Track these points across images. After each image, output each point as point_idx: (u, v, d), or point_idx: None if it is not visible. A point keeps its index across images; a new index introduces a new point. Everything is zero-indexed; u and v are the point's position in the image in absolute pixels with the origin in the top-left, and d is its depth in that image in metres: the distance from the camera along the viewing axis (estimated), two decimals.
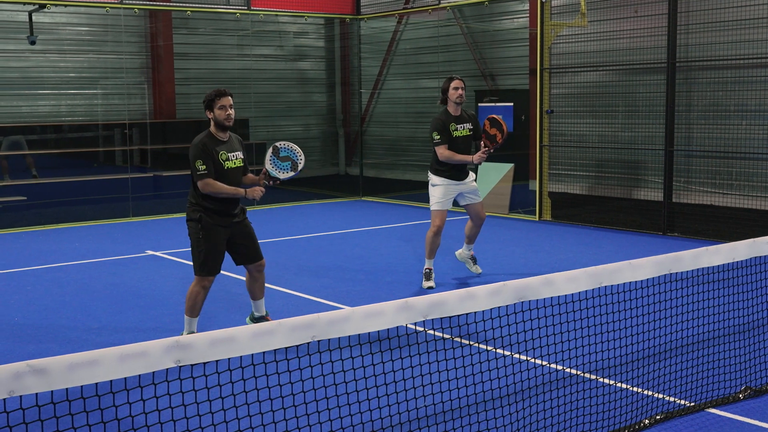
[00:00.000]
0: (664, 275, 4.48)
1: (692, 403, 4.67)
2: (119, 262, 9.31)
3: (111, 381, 2.92)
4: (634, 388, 4.81)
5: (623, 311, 5.27)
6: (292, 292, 7.78)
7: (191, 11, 13.60)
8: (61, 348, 6.04)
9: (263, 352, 3.22)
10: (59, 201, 13.48)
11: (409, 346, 4.45)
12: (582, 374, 4.99)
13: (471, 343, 5.08)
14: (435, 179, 7.88)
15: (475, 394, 4.53)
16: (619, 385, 4.88)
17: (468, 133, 7.85)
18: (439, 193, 7.83)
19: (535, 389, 4.81)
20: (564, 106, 12.10)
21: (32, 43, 13.22)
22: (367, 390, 4.07)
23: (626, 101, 11.44)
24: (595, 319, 4.94)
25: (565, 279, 4.04)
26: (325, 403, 4.10)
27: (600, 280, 4.14)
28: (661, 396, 4.74)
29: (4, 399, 2.72)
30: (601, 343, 5.00)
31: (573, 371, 5.03)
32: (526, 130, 14.00)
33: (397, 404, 4.21)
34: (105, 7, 12.67)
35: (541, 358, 5.09)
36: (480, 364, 4.69)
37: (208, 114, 5.86)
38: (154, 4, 13.34)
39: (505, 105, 13.38)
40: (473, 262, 8.29)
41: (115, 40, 14.87)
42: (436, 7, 14.29)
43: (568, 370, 5.07)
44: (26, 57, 14.36)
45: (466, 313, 3.71)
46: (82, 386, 2.83)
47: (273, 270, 8.59)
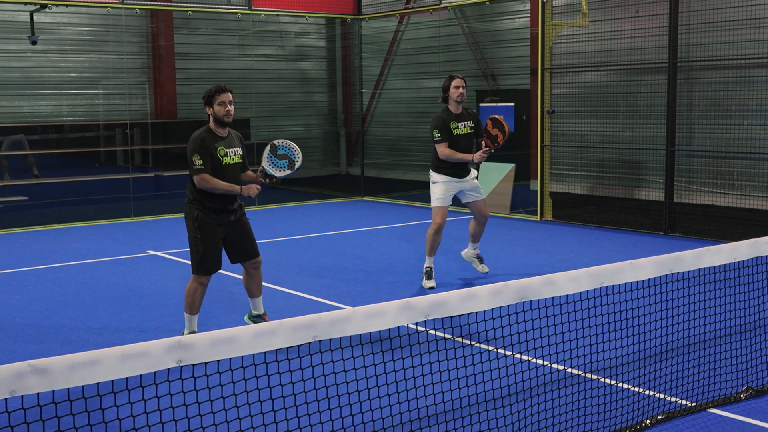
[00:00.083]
0: (666, 275, 4.48)
1: (693, 403, 4.66)
2: (120, 262, 9.32)
3: (112, 381, 2.92)
4: (636, 388, 4.80)
5: (624, 311, 5.26)
6: (293, 292, 7.78)
7: (192, 11, 13.61)
8: (62, 348, 6.04)
9: (264, 352, 3.22)
10: (60, 201, 13.48)
11: (411, 346, 4.45)
12: (583, 374, 4.99)
13: (472, 343, 5.08)
14: (435, 176, 7.87)
15: (477, 394, 4.53)
16: (620, 385, 4.88)
17: (469, 131, 7.84)
18: (440, 190, 7.82)
19: (536, 389, 4.81)
20: (565, 106, 12.10)
21: (33, 43, 13.22)
22: (369, 390, 4.06)
23: (627, 101, 11.44)
24: (596, 319, 4.93)
25: (567, 279, 4.04)
26: (327, 403, 4.10)
27: (601, 280, 4.14)
28: (662, 396, 4.73)
29: (6, 399, 2.72)
30: (603, 343, 5.00)
31: (574, 371, 5.02)
32: (527, 130, 14.00)
33: (398, 404, 4.21)
34: (106, 7, 12.68)
35: (542, 358, 5.08)
36: (481, 364, 4.69)
37: (208, 110, 5.86)
38: (156, 4, 13.35)
39: (507, 105, 13.37)
40: (479, 261, 8.27)
41: (117, 40, 14.87)
42: (437, 7, 14.28)
43: (569, 370, 5.06)
44: (27, 57, 14.37)
45: (468, 313, 3.71)
46: (83, 386, 2.83)
47: (274, 270, 8.59)
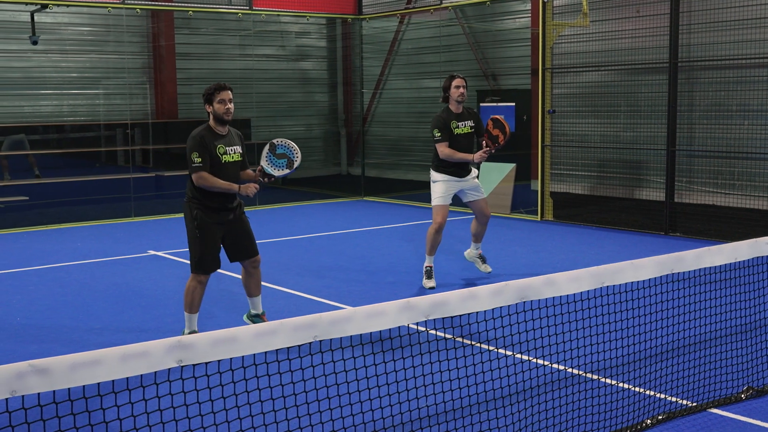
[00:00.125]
0: (666, 275, 4.47)
1: (694, 403, 4.66)
2: (121, 262, 9.32)
3: (113, 381, 2.92)
4: (636, 388, 4.80)
5: (625, 311, 5.26)
6: (293, 292, 7.78)
7: (193, 11, 13.61)
8: (63, 348, 6.04)
9: (265, 352, 3.22)
10: (61, 201, 13.49)
11: (411, 346, 4.45)
12: (584, 374, 4.99)
13: (473, 343, 5.08)
14: (436, 175, 7.88)
15: (477, 394, 4.53)
16: (621, 385, 4.87)
17: (469, 131, 7.84)
18: (440, 189, 7.82)
19: (537, 389, 4.81)
20: (566, 106, 12.09)
21: (34, 43, 13.22)
22: (369, 390, 4.06)
23: (628, 101, 11.43)
24: (597, 319, 4.93)
25: (567, 279, 4.04)
26: (327, 403, 4.10)
27: (602, 280, 4.14)
28: (663, 396, 4.73)
29: (7, 399, 2.72)
30: (603, 343, 5.00)
31: (575, 371, 5.02)
32: (527, 130, 14.00)
33: (399, 404, 4.21)
34: (107, 7, 12.68)
35: (543, 358, 5.08)
36: (482, 364, 4.69)
37: (207, 108, 5.86)
38: (156, 4, 13.35)
39: (507, 105, 13.37)
40: (482, 261, 8.27)
41: (117, 40, 14.87)
42: (438, 7, 14.28)
43: (570, 370, 5.06)
44: (28, 57, 14.37)
45: (468, 313, 3.71)
46: (84, 386, 2.83)
47: (275, 270, 8.60)
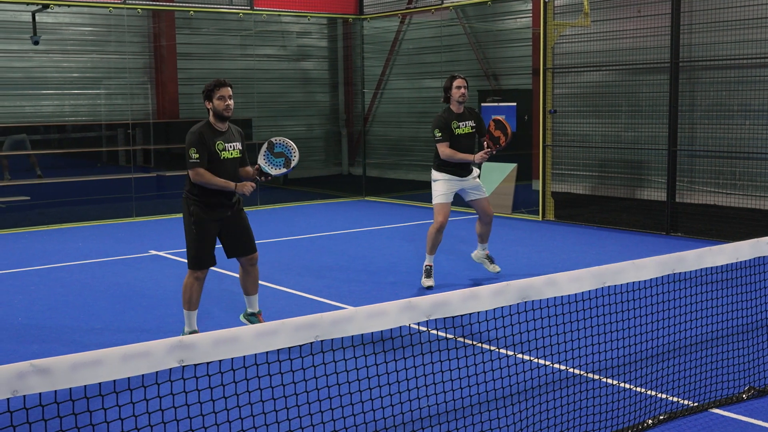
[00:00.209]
0: (668, 275, 4.47)
1: (696, 404, 4.66)
2: (122, 262, 9.32)
3: (114, 381, 2.92)
4: (638, 388, 4.80)
5: (626, 311, 5.26)
6: (294, 291, 7.78)
7: (194, 11, 13.62)
8: (64, 348, 6.04)
9: (266, 352, 3.22)
10: (62, 201, 13.49)
11: (412, 346, 4.45)
12: (585, 374, 4.99)
13: (474, 343, 5.08)
14: (437, 175, 7.88)
15: (479, 394, 4.53)
16: (622, 385, 4.87)
17: (470, 131, 7.84)
18: (441, 188, 7.82)
19: (538, 389, 4.81)
20: (567, 105, 12.09)
21: (35, 43, 13.23)
22: (370, 390, 4.06)
23: (629, 101, 11.43)
24: (598, 319, 4.93)
25: (569, 279, 4.03)
26: (328, 403, 4.09)
27: (603, 280, 4.14)
28: (664, 396, 4.73)
29: (8, 399, 2.72)
30: (605, 343, 4.99)
31: (576, 371, 5.02)
32: (529, 130, 14.00)
33: (400, 404, 4.21)
34: (108, 7, 12.68)
35: (544, 358, 5.08)
36: (483, 364, 4.69)
37: (207, 104, 5.85)
38: (157, 4, 13.35)
39: (508, 105, 13.36)
40: (490, 261, 8.26)
41: (118, 40, 14.88)
42: (439, 7, 14.28)
43: (571, 370, 5.06)
44: (29, 57, 14.38)
45: (470, 313, 3.71)
46: (85, 386, 2.83)
47: (276, 270, 8.60)
